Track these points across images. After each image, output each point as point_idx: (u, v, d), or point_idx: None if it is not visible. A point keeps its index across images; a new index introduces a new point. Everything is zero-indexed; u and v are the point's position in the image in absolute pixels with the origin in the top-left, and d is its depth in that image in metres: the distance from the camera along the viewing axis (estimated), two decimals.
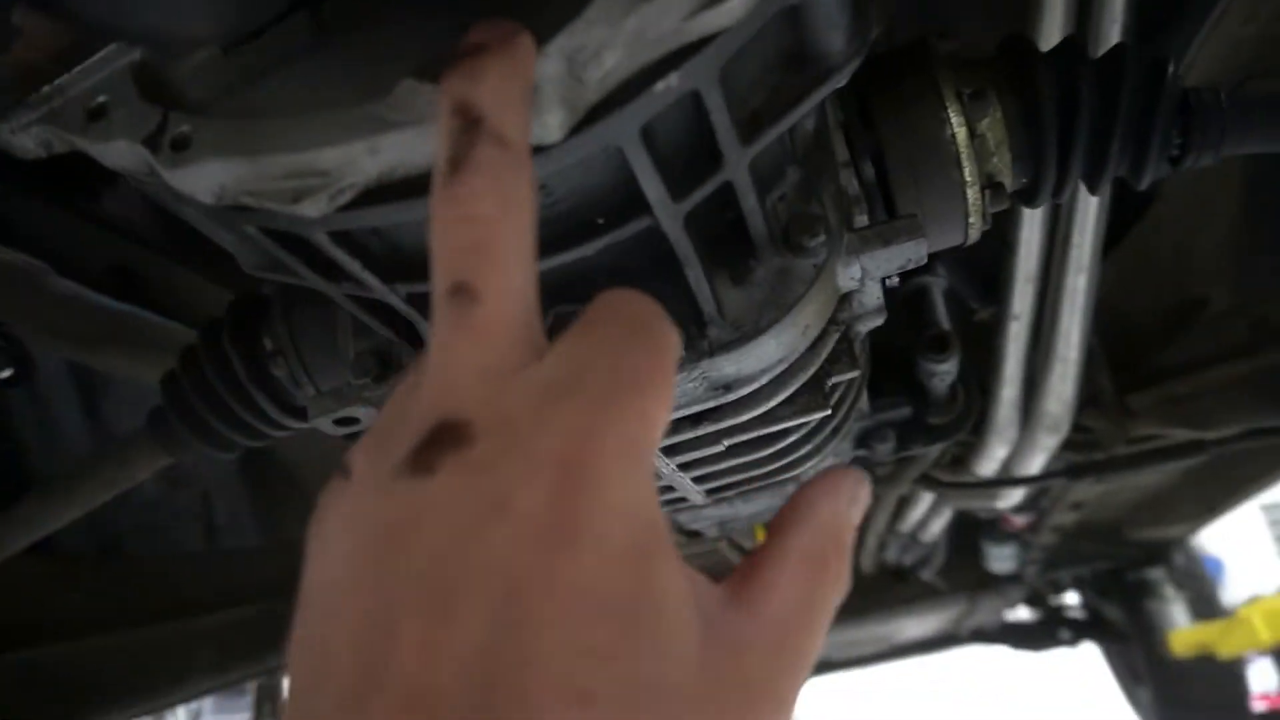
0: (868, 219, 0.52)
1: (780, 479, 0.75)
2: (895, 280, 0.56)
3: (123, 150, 0.35)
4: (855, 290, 0.54)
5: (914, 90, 0.52)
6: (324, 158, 0.33)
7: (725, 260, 0.47)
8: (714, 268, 0.47)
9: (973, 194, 0.54)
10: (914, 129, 0.52)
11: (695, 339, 0.48)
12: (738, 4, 0.31)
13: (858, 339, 0.61)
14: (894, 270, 0.51)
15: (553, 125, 0.32)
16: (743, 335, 0.48)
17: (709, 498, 0.78)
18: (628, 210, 0.39)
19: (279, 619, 1.15)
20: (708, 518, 0.89)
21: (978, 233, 0.57)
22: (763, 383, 0.52)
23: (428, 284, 0.41)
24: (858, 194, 0.52)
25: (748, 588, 0.29)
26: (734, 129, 0.37)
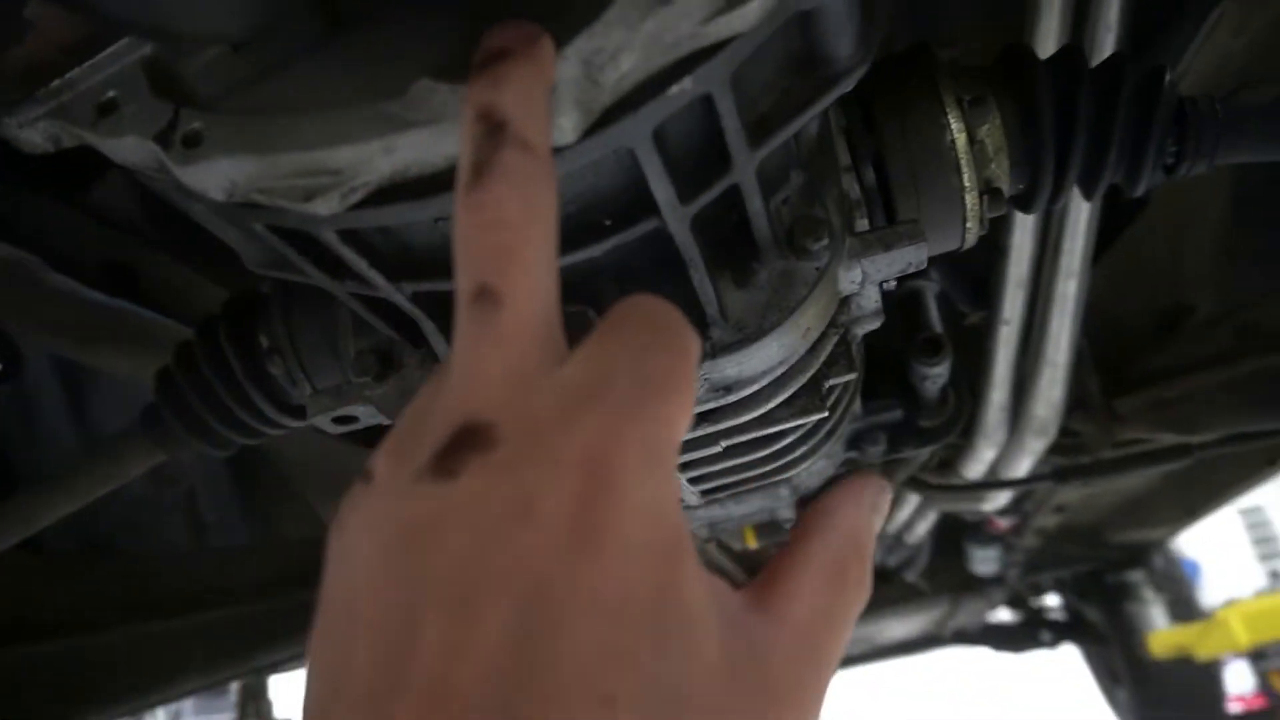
0: (868, 223, 0.53)
1: (774, 480, 0.75)
2: (892, 284, 0.56)
3: (132, 146, 0.35)
4: (854, 293, 0.54)
5: (915, 96, 0.53)
6: (337, 156, 0.33)
7: (729, 262, 0.47)
8: (718, 270, 0.47)
9: (971, 199, 0.54)
10: (915, 134, 0.53)
11: None
12: (753, 9, 0.31)
13: (855, 342, 0.61)
14: (894, 274, 0.51)
15: (567, 127, 0.32)
16: (745, 337, 0.48)
17: (703, 499, 0.78)
18: (636, 212, 0.39)
19: (268, 618, 1.15)
20: (700, 519, 0.89)
21: (975, 238, 0.57)
22: (763, 384, 0.53)
23: (434, 283, 0.42)
24: (859, 198, 0.52)
25: (770, 594, 0.29)
26: (743, 132, 0.37)
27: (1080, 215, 0.89)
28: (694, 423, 0.57)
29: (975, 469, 1.30)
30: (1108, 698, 3.18)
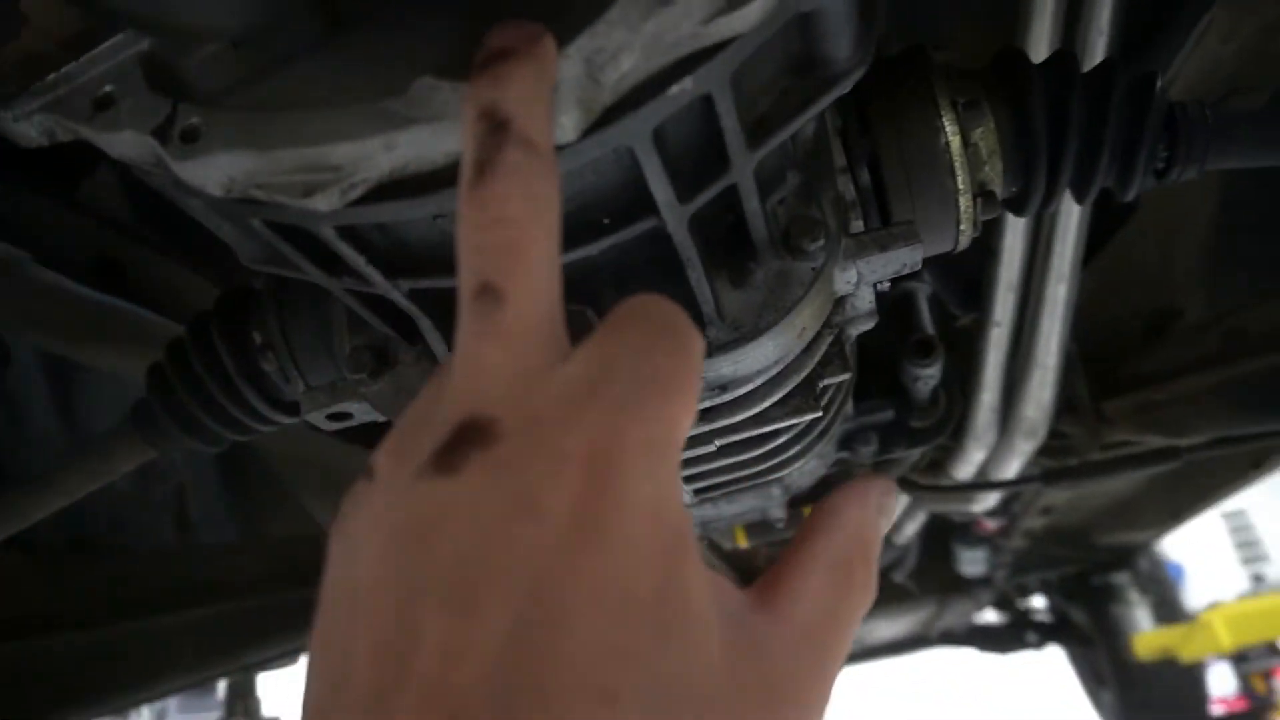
0: (863, 224, 0.53)
1: (767, 479, 0.75)
2: (885, 285, 0.57)
3: (129, 141, 0.35)
4: (849, 294, 0.54)
5: (910, 98, 0.53)
6: (337, 152, 0.33)
7: (726, 262, 0.48)
8: (715, 269, 0.47)
9: (965, 202, 0.54)
10: (909, 136, 0.53)
11: None
12: (754, 10, 0.31)
13: (849, 342, 0.62)
14: (889, 275, 0.52)
15: (568, 126, 0.32)
16: (741, 336, 0.48)
17: (696, 498, 0.78)
18: (634, 211, 0.40)
19: (256, 615, 1.15)
20: (692, 517, 0.90)
21: (968, 240, 0.58)
22: (758, 384, 0.53)
23: (431, 280, 0.42)
24: (854, 199, 0.53)
25: (774, 593, 0.29)
26: (742, 133, 0.37)
27: (1071, 219, 0.89)
28: None
29: (965, 470, 1.30)
30: (1092, 699, 3.21)
